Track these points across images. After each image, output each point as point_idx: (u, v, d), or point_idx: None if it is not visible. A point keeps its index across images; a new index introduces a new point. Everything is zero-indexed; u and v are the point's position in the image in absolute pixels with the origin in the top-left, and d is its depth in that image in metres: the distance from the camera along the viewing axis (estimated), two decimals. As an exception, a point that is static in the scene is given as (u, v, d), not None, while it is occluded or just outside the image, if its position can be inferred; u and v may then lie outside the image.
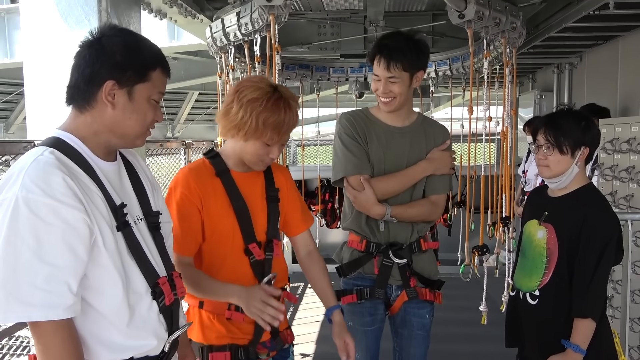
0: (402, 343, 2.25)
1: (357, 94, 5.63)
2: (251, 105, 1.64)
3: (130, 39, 1.29)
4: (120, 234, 1.26)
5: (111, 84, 1.24)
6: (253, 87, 1.67)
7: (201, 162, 1.77)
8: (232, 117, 1.66)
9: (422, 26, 4.92)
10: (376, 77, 2.08)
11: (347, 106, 9.98)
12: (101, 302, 1.23)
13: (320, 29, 5.22)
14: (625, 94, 4.48)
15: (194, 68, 9.56)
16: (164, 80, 1.32)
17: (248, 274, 1.73)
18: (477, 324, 3.16)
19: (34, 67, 3.01)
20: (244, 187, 1.75)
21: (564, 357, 1.85)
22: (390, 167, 2.14)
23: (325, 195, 6.28)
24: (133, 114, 1.27)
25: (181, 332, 1.41)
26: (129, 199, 1.34)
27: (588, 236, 1.85)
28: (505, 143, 3.39)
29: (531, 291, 1.98)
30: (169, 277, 1.37)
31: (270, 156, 1.72)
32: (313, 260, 1.92)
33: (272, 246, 1.77)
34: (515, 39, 3.48)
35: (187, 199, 1.68)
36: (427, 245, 2.20)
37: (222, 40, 3.43)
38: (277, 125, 1.65)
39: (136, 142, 1.34)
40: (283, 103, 1.66)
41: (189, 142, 3.92)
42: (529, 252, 2.01)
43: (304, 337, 4.24)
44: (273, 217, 1.80)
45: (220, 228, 1.71)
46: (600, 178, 3.47)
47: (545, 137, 1.92)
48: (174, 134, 13.38)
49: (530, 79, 7.28)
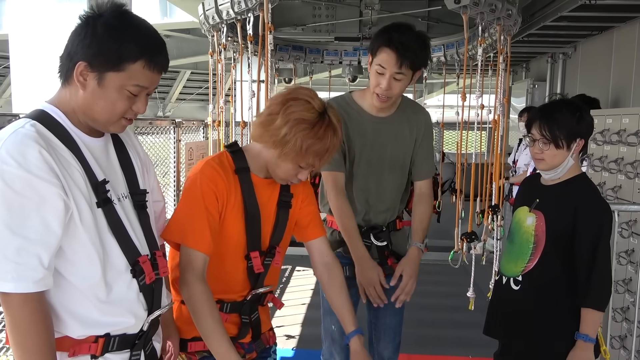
0: (378, 314, 2.27)
1: (350, 78, 5.60)
2: (297, 126, 1.50)
3: (116, 24, 1.21)
4: (100, 210, 1.24)
5: (83, 65, 1.20)
6: (304, 104, 1.53)
7: (223, 156, 1.64)
8: (274, 131, 1.53)
9: (417, 11, 4.89)
10: (380, 70, 1.97)
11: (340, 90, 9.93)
12: (76, 276, 1.22)
13: (314, 11, 5.17)
14: (618, 85, 4.49)
15: (186, 46, 9.47)
16: (148, 75, 1.24)
17: (242, 279, 1.65)
18: (464, 310, 3.19)
19: (20, 39, 2.95)
20: (260, 193, 1.64)
21: (576, 349, 1.87)
22: (373, 157, 2.13)
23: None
24: (100, 101, 1.23)
25: (162, 311, 1.39)
26: (115, 175, 1.32)
27: (583, 227, 1.86)
28: (497, 131, 3.39)
29: (515, 276, 2.00)
30: (151, 256, 1.35)
31: (299, 177, 1.61)
32: (332, 276, 1.78)
33: (274, 253, 1.67)
34: (511, 27, 3.46)
35: (214, 194, 1.55)
36: (402, 224, 2.27)
37: (214, 18, 3.37)
38: (320, 152, 1.54)
39: (109, 128, 1.30)
40: (332, 129, 1.54)
41: (179, 121, 3.86)
42: (517, 238, 2.03)
43: (290, 319, 4.26)
44: (281, 223, 1.70)
45: (228, 228, 1.60)
46: (589, 169, 3.49)
47: (540, 132, 1.90)
48: (165, 113, 13.27)
49: (523, 68, 7.27)
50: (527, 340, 1.97)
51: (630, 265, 2.97)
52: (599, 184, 3.32)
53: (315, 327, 4.16)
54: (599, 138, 3.36)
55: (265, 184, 1.66)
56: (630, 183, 3.04)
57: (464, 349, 3.72)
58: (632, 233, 2.98)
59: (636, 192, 2.97)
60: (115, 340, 1.28)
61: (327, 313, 2.27)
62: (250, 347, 1.72)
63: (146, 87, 1.26)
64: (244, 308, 1.67)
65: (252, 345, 1.72)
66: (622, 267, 2.98)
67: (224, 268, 1.62)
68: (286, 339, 3.91)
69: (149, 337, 1.38)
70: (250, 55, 3.19)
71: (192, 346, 1.63)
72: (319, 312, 2.37)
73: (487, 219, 3.60)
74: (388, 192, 2.20)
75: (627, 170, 3.06)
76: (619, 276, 2.94)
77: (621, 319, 2.99)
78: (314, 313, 4.43)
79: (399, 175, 2.20)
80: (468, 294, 3.17)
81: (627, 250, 2.99)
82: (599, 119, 3.43)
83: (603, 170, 3.32)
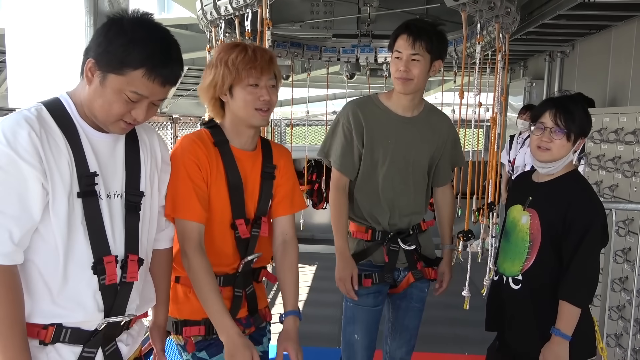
0: (397, 314, 2.28)
1: (348, 75, 5.59)
2: (219, 59, 1.65)
3: (129, 29, 1.24)
4: (80, 201, 1.25)
5: (92, 62, 1.25)
6: (218, 50, 1.70)
7: (202, 132, 1.72)
8: (208, 80, 1.67)
9: (416, 8, 4.89)
10: (398, 55, 2.05)
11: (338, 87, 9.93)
12: (39, 259, 1.23)
13: (313, 7, 5.15)
14: (615, 84, 4.49)
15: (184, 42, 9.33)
16: (148, 85, 1.25)
17: (231, 250, 1.69)
18: (459, 308, 3.19)
19: (16, 34, 2.93)
20: (242, 162, 1.71)
21: (549, 344, 1.86)
22: (398, 157, 2.13)
23: (313, 175, 6.26)
24: (100, 99, 1.26)
25: (123, 319, 1.35)
26: (114, 172, 1.33)
27: (572, 221, 1.85)
28: (494, 129, 3.39)
29: (514, 276, 1.98)
30: (124, 259, 1.33)
31: (262, 99, 1.65)
32: (287, 254, 1.81)
33: (260, 224, 1.73)
34: (509, 25, 3.45)
35: (197, 165, 1.62)
36: (426, 225, 2.26)
37: (212, 14, 3.36)
38: (250, 61, 1.63)
39: (108, 127, 1.31)
40: (243, 45, 1.69)
41: (176, 117, 3.85)
42: (513, 237, 2.02)
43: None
44: (265, 194, 1.75)
45: (212, 199, 1.66)
46: (586, 167, 3.49)
47: (555, 121, 1.87)
48: (162, 109, 13.23)
49: (521, 66, 7.27)
50: (528, 339, 1.95)
51: (626, 263, 2.98)
52: (596, 183, 3.32)
53: (312, 324, 4.16)
54: (596, 137, 3.37)
55: (246, 155, 1.72)
56: (627, 182, 3.04)
57: (460, 347, 3.72)
58: (629, 232, 2.98)
59: (633, 190, 2.98)
60: (68, 332, 1.27)
61: (349, 322, 2.21)
62: (248, 321, 1.76)
63: (146, 97, 1.28)
64: (237, 281, 1.70)
65: (249, 319, 1.76)
66: (618, 266, 2.98)
67: (214, 240, 1.66)
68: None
69: (110, 337, 1.34)
70: (248, 51, 3.17)
71: (187, 331, 1.67)
72: (316, 310, 2.37)
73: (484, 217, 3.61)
74: (413, 194, 2.18)
75: (624, 169, 3.06)
76: (615, 275, 2.94)
77: (617, 317, 2.99)
78: (311, 310, 4.42)
79: (421, 177, 2.20)
80: (463, 293, 3.17)
81: (623, 248, 3.00)
82: (597, 118, 3.44)
83: (600, 168, 3.33)
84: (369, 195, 2.16)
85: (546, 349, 1.86)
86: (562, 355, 1.84)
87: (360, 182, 2.16)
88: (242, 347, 1.55)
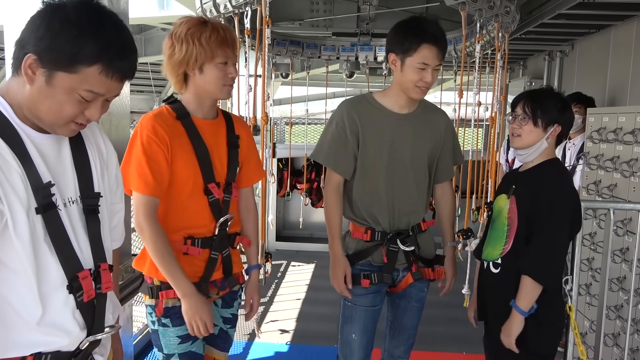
0: (396, 313, 2.29)
1: (347, 74, 5.58)
2: (190, 35, 1.72)
3: (76, 19, 1.06)
4: (39, 217, 1.10)
5: (32, 59, 1.07)
6: (182, 25, 1.76)
7: (163, 109, 1.81)
8: (178, 55, 1.74)
9: (415, 7, 4.88)
10: (423, 67, 2.02)
11: (337, 86, 9.92)
12: (10, 290, 1.10)
13: (312, 5, 5.14)
14: (615, 83, 4.49)
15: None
16: (105, 82, 1.10)
17: (207, 214, 1.81)
18: (459, 307, 3.20)
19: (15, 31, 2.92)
20: (206, 133, 1.82)
21: (509, 319, 1.95)
22: (395, 155, 2.13)
23: (311, 174, 6.26)
24: (47, 100, 1.09)
25: (104, 335, 1.26)
26: (64, 177, 1.19)
27: (542, 202, 1.93)
28: (493, 128, 3.39)
29: (494, 260, 2.06)
30: (95, 270, 1.22)
31: (230, 76, 1.80)
32: (249, 216, 2.03)
33: (231, 189, 1.86)
34: (509, 24, 3.46)
35: (154, 141, 1.71)
36: (426, 225, 2.26)
37: (212, 12, 3.36)
38: (223, 41, 1.75)
39: (56, 130, 1.15)
40: (213, 24, 1.77)
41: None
42: (496, 224, 2.10)
43: (284, 314, 4.26)
44: (233, 162, 1.89)
45: (183, 170, 1.76)
46: (585, 167, 3.49)
47: (523, 109, 2.01)
48: (161, 107, 13.15)
49: (521, 66, 7.26)
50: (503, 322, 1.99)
51: (624, 263, 2.98)
52: (594, 182, 3.33)
53: (309, 322, 4.18)
54: (595, 136, 3.37)
55: (207, 124, 1.85)
56: (625, 182, 3.04)
57: (458, 346, 3.73)
58: (627, 231, 2.99)
59: (631, 190, 2.98)
60: (48, 358, 1.16)
61: (347, 322, 2.22)
62: (222, 284, 1.91)
63: (102, 95, 1.13)
64: (214, 244, 1.84)
65: (224, 282, 1.91)
66: (616, 265, 2.99)
67: (190, 206, 1.80)
68: (280, 334, 3.91)
69: (88, 353, 1.25)
70: (248, 50, 3.18)
71: (163, 295, 1.79)
72: (313, 308, 2.38)
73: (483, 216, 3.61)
74: (412, 192, 2.18)
75: (622, 169, 3.06)
76: (613, 274, 2.95)
77: (614, 316, 3.00)
78: (309, 308, 4.43)
79: (422, 174, 2.20)
80: (463, 291, 3.17)
81: (621, 248, 3.00)
82: (595, 117, 3.44)
83: (599, 168, 3.33)
84: (367, 195, 2.15)
85: (505, 322, 1.95)
86: (515, 329, 1.92)
87: (358, 182, 2.16)
88: (201, 303, 1.73)
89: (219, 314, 1.98)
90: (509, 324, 1.94)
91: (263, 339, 3.73)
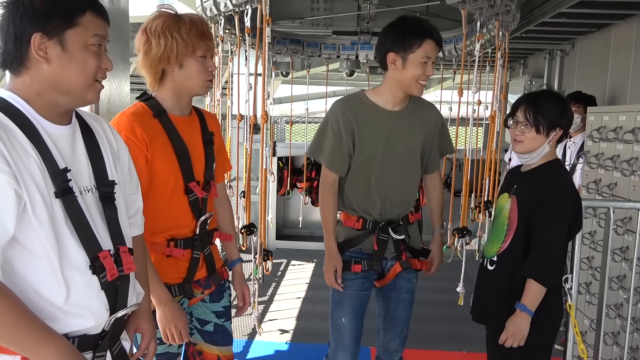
0: (388, 307, 2.33)
1: (347, 72, 5.57)
2: (167, 29, 1.68)
3: None
4: (58, 201, 1.16)
5: (39, 37, 1.15)
6: (156, 19, 1.71)
7: (139, 106, 1.76)
8: (157, 51, 1.69)
9: (416, 5, 4.87)
10: (426, 60, 2.09)
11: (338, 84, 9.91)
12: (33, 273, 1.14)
13: (313, 4, 5.14)
14: (615, 82, 4.49)
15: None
16: (100, 23, 1.22)
17: (187, 214, 1.79)
18: (457, 305, 3.20)
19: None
20: (183, 130, 1.79)
21: (513, 317, 1.97)
22: (389, 151, 2.18)
23: (311, 172, 6.26)
24: (71, 65, 1.18)
25: (127, 311, 1.31)
26: (79, 166, 1.25)
27: (543, 203, 1.95)
28: (493, 127, 3.39)
29: (491, 257, 2.09)
30: (115, 252, 1.27)
31: (210, 69, 1.77)
32: (224, 210, 2.05)
33: (210, 187, 1.85)
34: (509, 23, 3.45)
35: (134, 143, 1.66)
36: (414, 218, 2.33)
37: (212, 10, 3.35)
38: (203, 34, 1.73)
39: (87, 97, 1.23)
40: (190, 17, 1.75)
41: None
42: (496, 222, 2.13)
43: (285, 313, 4.26)
44: (210, 159, 1.87)
45: (163, 170, 1.73)
46: (585, 165, 3.49)
47: (524, 115, 2.00)
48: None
49: (521, 65, 7.26)
50: (500, 318, 2.02)
51: (624, 262, 2.98)
52: (594, 181, 3.33)
53: (309, 321, 4.18)
54: (595, 135, 3.37)
55: (183, 121, 1.81)
56: (625, 180, 3.04)
57: (458, 344, 3.73)
58: (627, 230, 2.99)
59: (631, 189, 2.98)
60: (75, 342, 1.19)
61: (336, 306, 2.28)
62: (207, 282, 1.90)
63: (104, 37, 1.23)
64: (196, 244, 1.82)
65: (208, 280, 1.90)
66: (616, 264, 2.99)
67: (170, 206, 1.77)
68: (280, 333, 3.92)
69: (116, 337, 1.31)
70: (248, 48, 3.17)
71: None
72: (313, 306, 2.39)
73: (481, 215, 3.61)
74: (405, 185, 2.25)
75: (622, 168, 3.06)
76: (612, 273, 2.95)
77: (614, 315, 3.00)
78: (309, 307, 4.44)
79: (414, 168, 2.27)
80: (458, 289, 3.18)
81: (621, 247, 3.00)
82: (596, 116, 3.44)
83: (599, 167, 3.33)
84: (360, 189, 2.22)
85: (510, 321, 1.97)
86: (524, 328, 1.95)
87: (352, 177, 2.22)
88: (177, 311, 1.71)
89: (209, 309, 1.95)
90: (518, 326, 1.96)
91: (263, 337, 3.73)
